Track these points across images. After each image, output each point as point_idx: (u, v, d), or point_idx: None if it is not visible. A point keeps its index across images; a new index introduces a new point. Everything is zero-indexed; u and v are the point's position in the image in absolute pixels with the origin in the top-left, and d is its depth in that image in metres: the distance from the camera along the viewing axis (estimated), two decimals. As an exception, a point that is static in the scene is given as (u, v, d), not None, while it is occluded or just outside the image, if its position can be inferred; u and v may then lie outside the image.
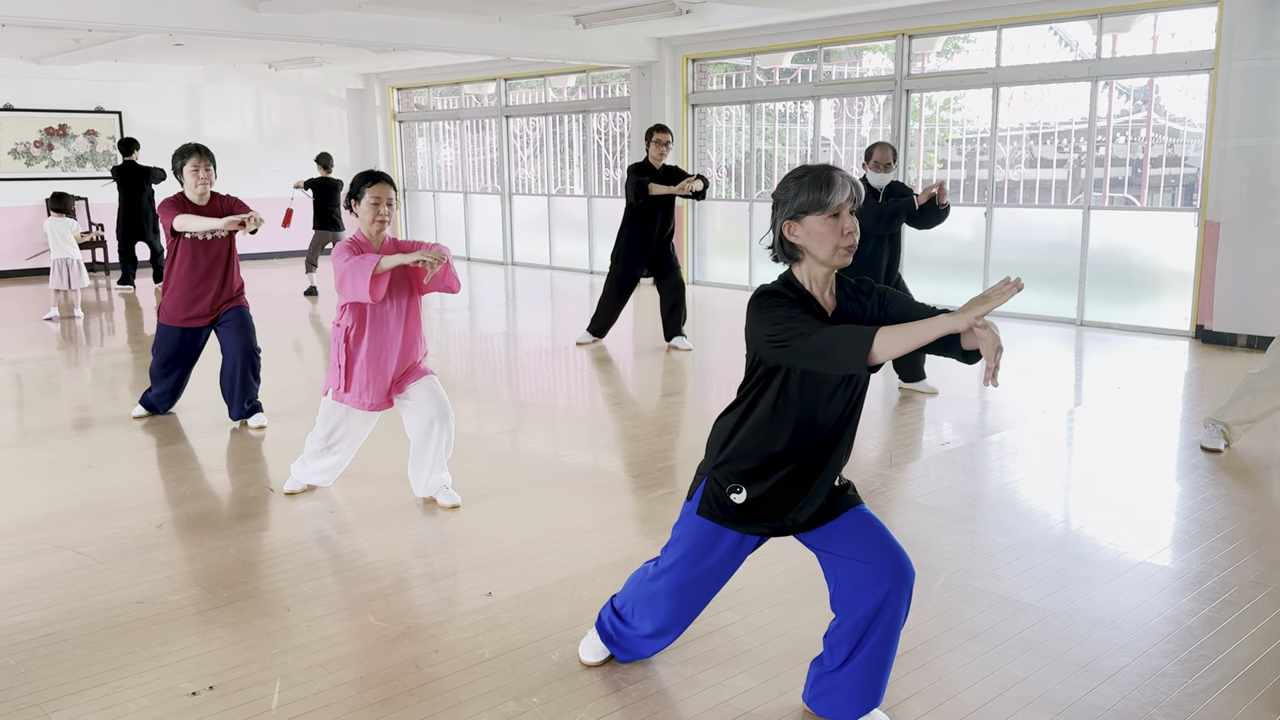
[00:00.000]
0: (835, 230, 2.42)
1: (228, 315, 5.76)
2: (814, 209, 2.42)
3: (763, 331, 2.42)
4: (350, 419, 4.42)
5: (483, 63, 13.87)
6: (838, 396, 2.51)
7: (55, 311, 10.20)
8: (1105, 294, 9.17)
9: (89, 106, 13.93)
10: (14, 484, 4.92)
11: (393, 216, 4.20)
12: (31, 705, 2.87)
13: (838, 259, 2.45)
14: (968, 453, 5.34)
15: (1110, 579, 3.68)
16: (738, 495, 2.59)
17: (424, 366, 4.41)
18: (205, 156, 5.59)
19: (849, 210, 2.44)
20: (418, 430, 4.38)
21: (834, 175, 2.42)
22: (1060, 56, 9.45)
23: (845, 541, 2.64)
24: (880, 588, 2.59)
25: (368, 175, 4.19)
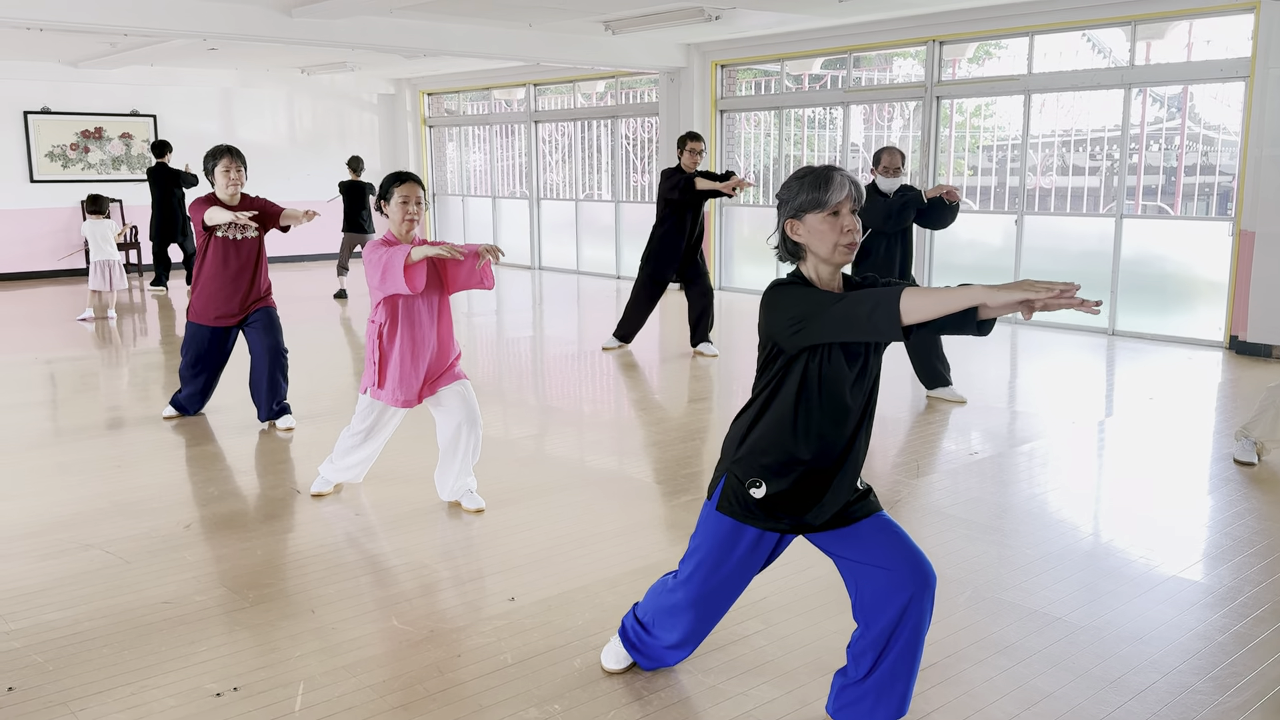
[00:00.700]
0: (835, 228, 2.46)
1: (256, 315, 5.82)
2: (814, 207, 2.47)
3: (783, 318, 2.45)
4: (385, 415, 4.47)
5: (512, 68, 13.93)
6: (856, 386, 2.52)
7: (90, 312, 10.34)
8: (1138, 303, 9.07)
9: (124, 110, 14.11)
10: (46, 483, 4.98)
11: (421, 216, 4.24)
12: (59, 704, 2.90)
13: (838, 256, 2.49)
14: (996, 463, 5.29)
15: (1140, 593, 3.62)
16: (757, 490, 2.58)
17: (458, 370, 4.43)
18: (237, 158, 5.66)
19: (849, 209, 2.47)
20: (446, 434, 4.40)
21: (833, 174, 2.47)
22: (1093, 63, 9.36)
23: (865, 547, 2.62)
24: (902, 594, 2.57)
25: (397, 176, 4.23)
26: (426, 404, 4.43)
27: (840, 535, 2.65)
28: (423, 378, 4.32)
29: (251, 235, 5.74)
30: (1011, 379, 7.60)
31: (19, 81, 13.19)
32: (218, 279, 5.72)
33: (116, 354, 8.67)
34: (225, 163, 5.63)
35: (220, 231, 5.65)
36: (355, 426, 4.50)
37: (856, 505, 2.65)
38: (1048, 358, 8.21)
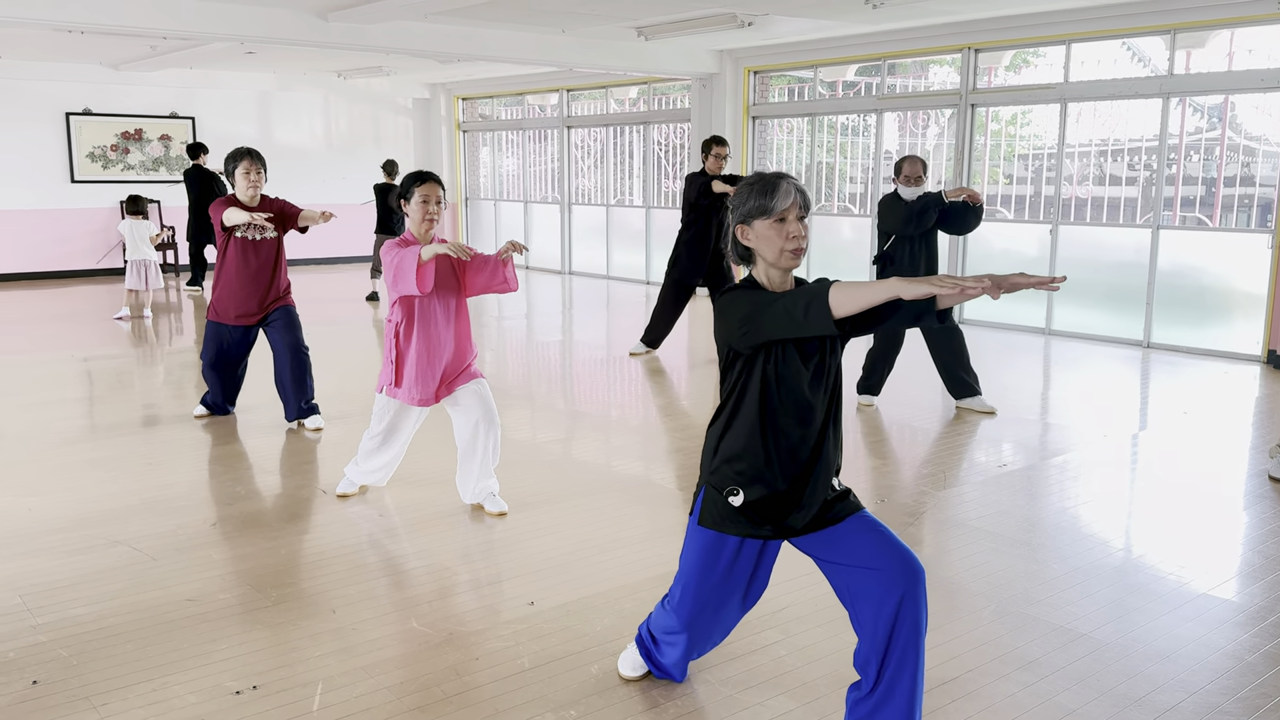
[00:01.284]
0: (781, 234, 2.51)
1: (275, 315, 5.89)
2: (760, 214, 2.52)
3: (732, 320, 2.51)
4: (402, 415, 4.49)
5: (546, 74, 13.98)
6: (815, 383, 2.56)
7: (126, 311, 10.49)
8: (1174, 316, 8.93)
9: (164, 112, 14.31)
10: (78, 479, 5.05)
11: (441, 216, 4.27)
12: (81, 698, 2.93)
13: (785, 261, 2.53)
14: (1025, 475, 5.23)
15: (1169, 610, 3.56)
16: (735, 497, 2.60)
17: (474, 370, 4.45)
18: (256, 160, 5.74)
19: (795, 216, 2.51)
20: (464, 434, 4.42)
21: (780, 182, 2.52)
22: (1132, 72, 9.24)
23: (849, 549, 2.62)
24: (893, 594, 2.54)
25: (417, 175, 4.27)
26: (444, 404, 4.46)
27: (823, 538, 2.65)
28: (439, 377, 4.34)
29: (270, 236, 5.81)
30: (1043, 391, 7.51)
31: (62, 83, 13.42)
32: (237, 278, 5.80)
33: (151, 353, 8.77)
34: (245, 165, 5.71)
35: (239, 232, 5.73)
36: (374, 428, 4.53)
37: (837, 506, 2.66)
38: (1081, 370, 8.10)
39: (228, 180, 5.85)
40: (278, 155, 15.04)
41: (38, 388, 7.17)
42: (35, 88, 13.33)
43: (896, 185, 6.28)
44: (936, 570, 3.94)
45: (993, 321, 10.06)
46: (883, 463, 5.49)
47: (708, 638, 2.85)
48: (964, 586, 3.78)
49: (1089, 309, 9.48)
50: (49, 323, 10.34)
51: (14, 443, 5.72)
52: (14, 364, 8.07)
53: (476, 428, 4.39)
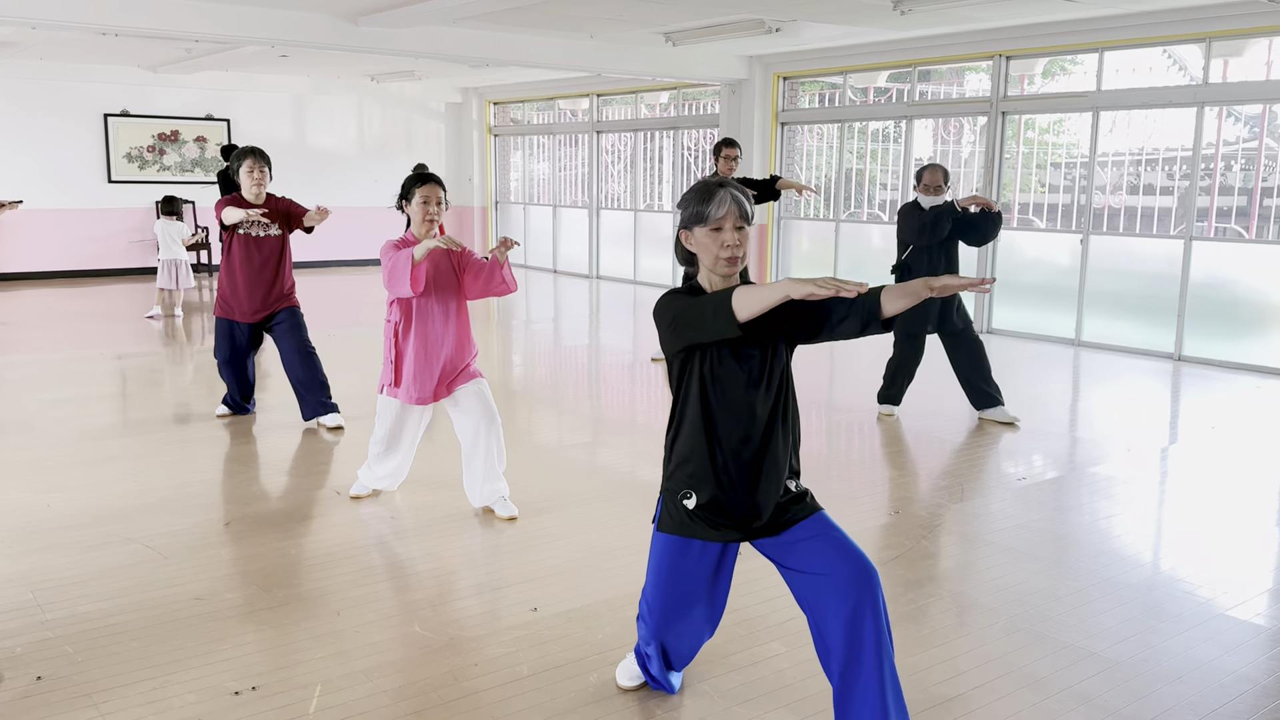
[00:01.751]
0: (716, 242, 2.57)
1: (280, 316, 5.98)
2: (698, 221, 2.58)
3: (663, 323, 2.58)
4: (405, 416, 4.52)
5: (577, 79, 14.01)
6: (755, 388, 2.58)
7: (158, 310, 10.63)
8: (1206, 329, 8.78)
9: (200, 114, 14.49)
10: (98, 476, 5.10)
11: (441, 216, 4.30)
12: (82, 695, 2.95)
13: (720, 268, 2.60)
14: (1045, 489, 5.15)
15: (1185, 630, 3.49)
16: (689, 500, 2.65)
17: (474, 369, 4.48)
18: (260, 158, 5.84)
19: (731, 225, 2.56)
20: (466, 435, 4.45)
21: (718, 191, 2.56)
22: (1167, 81, 9.10)
23: (803, 554, 2.62)
24: (846, 602, 2.53)
25: (418, 177, 4.31)
26: (445, 406, 4.50)
27: (780, 543, 2.66)
28: (438, 376, 4.37)
29: (274, 234, 5.88)
30: (1070, 403, 7.40)
31: (100, 85, 13.63)
32: (241, 275, 5.89)
33: (181, 352, 8.87)
34: (249, 163, 5.80)
35: (241, 229, 5.81)
36: (378, 431, 4.56)
37: (793, 509, 2.66)
38: (1109, 382, 7.98)
39: (233, 178, 5.93)
40: (311, 158, 15.23)
41: (68, 384, 7.27)
42: (75, 89, 13.55)
43: (917, 193, 6.22)
44: (947, 584, 3.88)
45: (1022, 332, 9.94)
46: (900, 473, 5.43)
47: (680, 645, 2.85)
48: (974, 601, 3.72)
49: (1120, 320, 9.34)
50: (83, 320, 10.49)
51: (40, 438, 5.80)
52: (47, 361, 8.19)
53: (478, 428, 4.41)
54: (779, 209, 12.27)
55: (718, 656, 3.23)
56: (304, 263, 14.60)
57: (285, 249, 5.98)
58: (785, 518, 2.66)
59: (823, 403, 7.26)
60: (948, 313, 6.29)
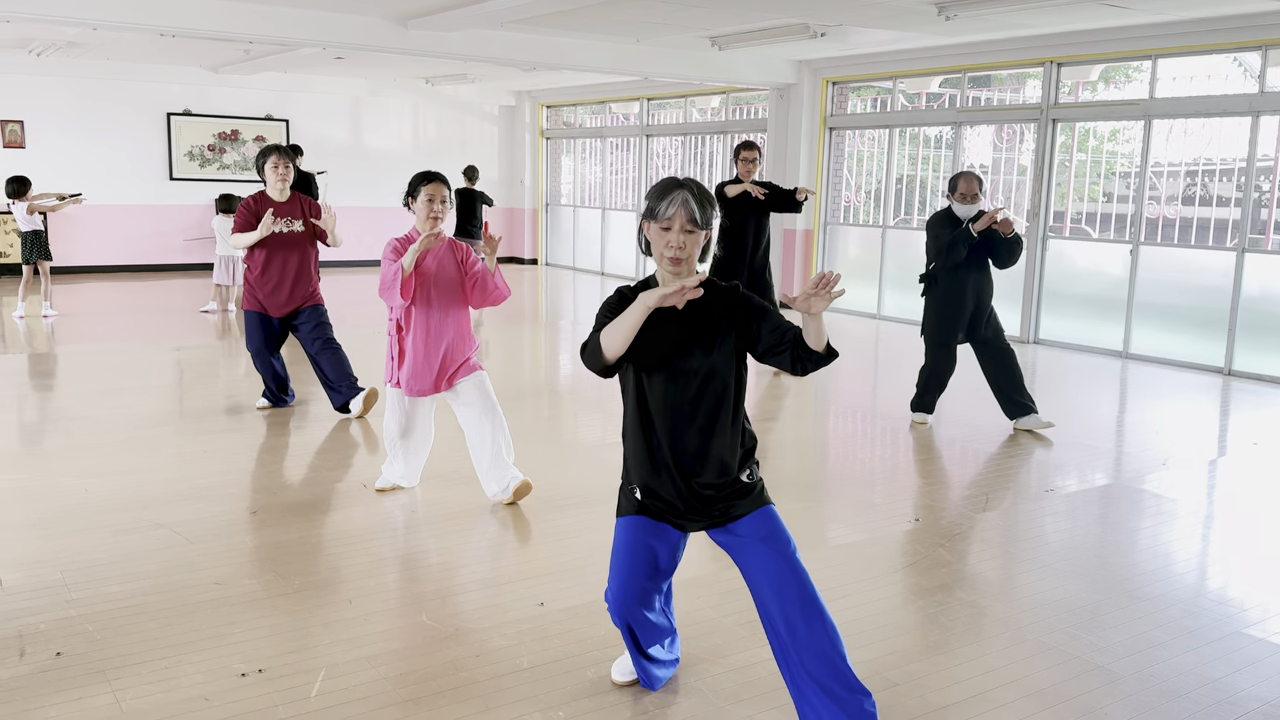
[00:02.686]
0: (662, 240, 2.59)
1: (305, 315, 6.18)
2: (650, 216, 2.61)
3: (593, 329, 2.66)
4: (415, 408, 4.65)
5: (627, 83, 14.08)
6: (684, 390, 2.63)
7: (214, 305, 10.90)
8: (1259, 343, 8.56)
9: (259, 114, 14.83)
10: (137, 463, 5.27)
11: (446, 214, 4.45)
12: (97, 672, 3.06)
13: (664, 265, 2.62)
14: (1072, 500, 5.08)
15: (1196, 647, 3.42)
16: (636, 492, 2.76)
17: (474, 363, 4.61)
18: (284, 155, 6.06)
19: (679, 226, 2.56)
20: (469, 427, 4.58)
21: (673, 190, 2.57)
22: (1225, 89, 8.89)
23: (740, 551, 2.71)
24: (774, 603, 2.62)
25: (424, 175, 4.45)
26: (447, 399, 4.63)
27: (726, 538, 2.74)
28: (437, 369, 4.49)
29: (298, 229, 6.06)
30: (1111, 416, 7.27)
31: (164, 85, 14.01)
32: (268, 269, 6.08)
33: (233, 346, 9.09)
34: (274, 159, 6.02)
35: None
36: (389, 426, 4.69)
37: (740, 502, 2.72)
38: (1154, 396, 7.83)
39: (259, 175, 6.11)
40: (367, 159, 15.51)
41: (122, 375, 7.50)
42: (140, 89, 13.95)
43: (951, 202, 6.16)
44: (959, 593, 3.85)
45: (1069, 343, 9.79)
46: (926, 481, 5.39)
47: (642, 625, 2.88)
48: (985, 611, 3.69)
49: (1169, 333, 9.15)
50: (141, 313, 10.80)
51: (86, 425, 6.00)
52: (105, 351, 8.45)
53: (480, 420, 4.53)
54: (825, 214, 12.21)
55: (716, 656, 3.25)
56: (354, 261, 14.86)
57: (312, 246, 6.15)
58: (732, 511, 2.72)
59: (860, 410, 7.22)
60: (977, 323, 6.24)
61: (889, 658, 3.28)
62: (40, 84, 13.40)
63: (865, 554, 4.25)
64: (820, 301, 2.47)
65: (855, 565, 4.11)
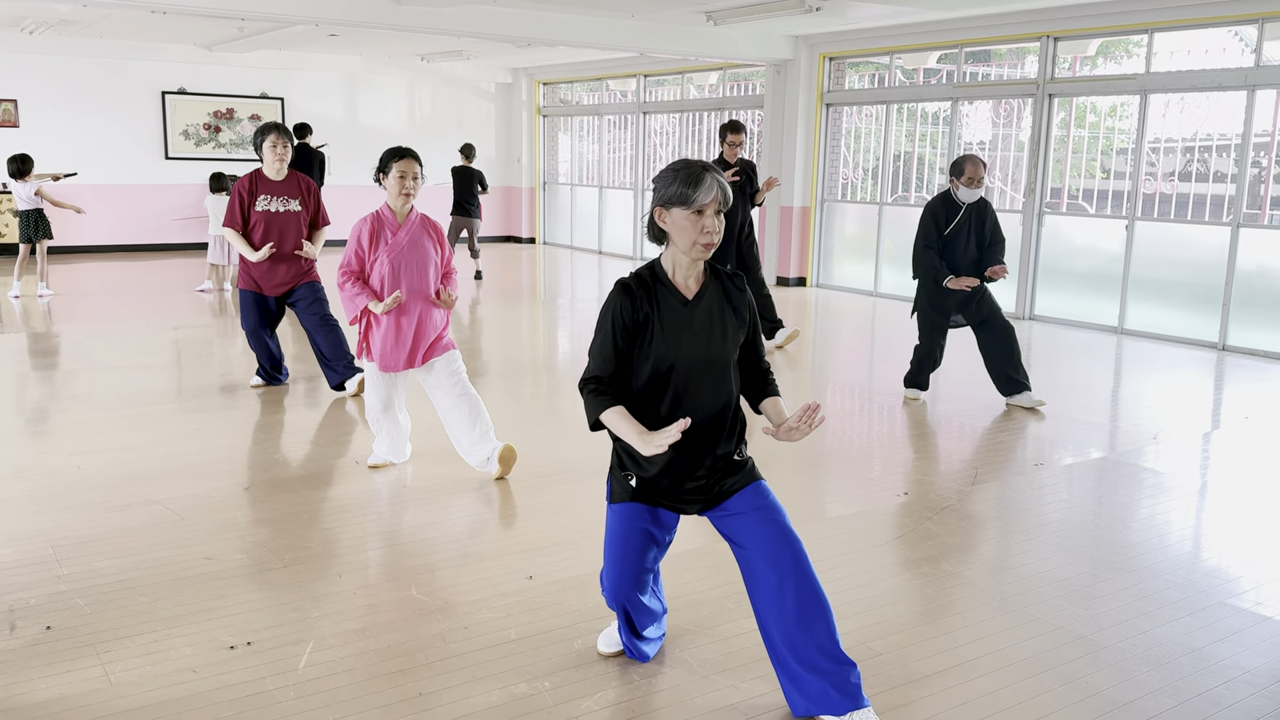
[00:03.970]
0: (696, 227, 2.55)
1: (300, 292, 6.16)
2: (680, 202, 2.55)
3: (593, 338, 2.68)
4: (392, 383, 4.68)
5: (625, 59, 14.02)
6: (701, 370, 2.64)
7: (209, 284, 10.90)
8: (1254, 318, 8.56)
9: (254, 92, 14.77)
10: (131, 440, 5.28)
11: (417, 190, 4.47)
12: (87, 645, 3.09)
13: (694, 253, 2.59)
14: (1061, 474, 5.09)
15: (1179, 617, 3.45)
16: (630, 479, 2.75)
17: (447, 341, 4.64)
18: (283, 134, 5.99)
19: (713, 211, 2.54)
20: (445, 407, 4.61)
21: (704, 175, 2.54)
22: (1222, 63, 8.85)
23: (735, 526, 2.72)
24: (770, 575, 2.63)
25: (395, 151, 4.45)
26: (418, 379, 4.66)
27: (719, 513, 2.76)
28: (411, 343, 4.52)
29: (294, 209, 6.05)
30: (1105, 390, 7.28)
31: (158, 63, 13.96)
32: (264, 247, 6.01)
33: (228, 325, 9.09)
34: (272, 138, 5.96)
35: (260, 206, 6.00)
36: (370, 400, 4.71)
37: (731, 479, 2.74)
38: (1148, 371, 7.84)
39: (257, 154, 6.08)
40: (363, 136, 15.45)
41: (114, 354, 7.51)
42: (134, 67, 13.89)
43: (956, 186, 6.08)
44: (945, 565, 3.88)
45: (1065, 319, 9.78)
46: (918, 457, 5.41)
47: (640, 612, 2.91)
48: (970, 582, 3.71)
49: (1164, 308, 9.15)
50: (137, 293, 10.80)
51: (80, 403, 6.02)
52: (97, 331, 8.46)
53: (456, 401, 4.56)
54: (822, 191, 12.17)
55: (701, 628, 3.27)
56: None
57: (305, 222, 6.13)
58: (724, 488, 2.73)
59: (855, 386, 7.23)
60: (967, 304, 6.22)
61: (874, 628, 3.30)
62: (33, 62, 13.34)
63: (854, 527, 4.28)
64: (801, 435, 2.57)
65: (844, 538, 4.13)
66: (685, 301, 2.64)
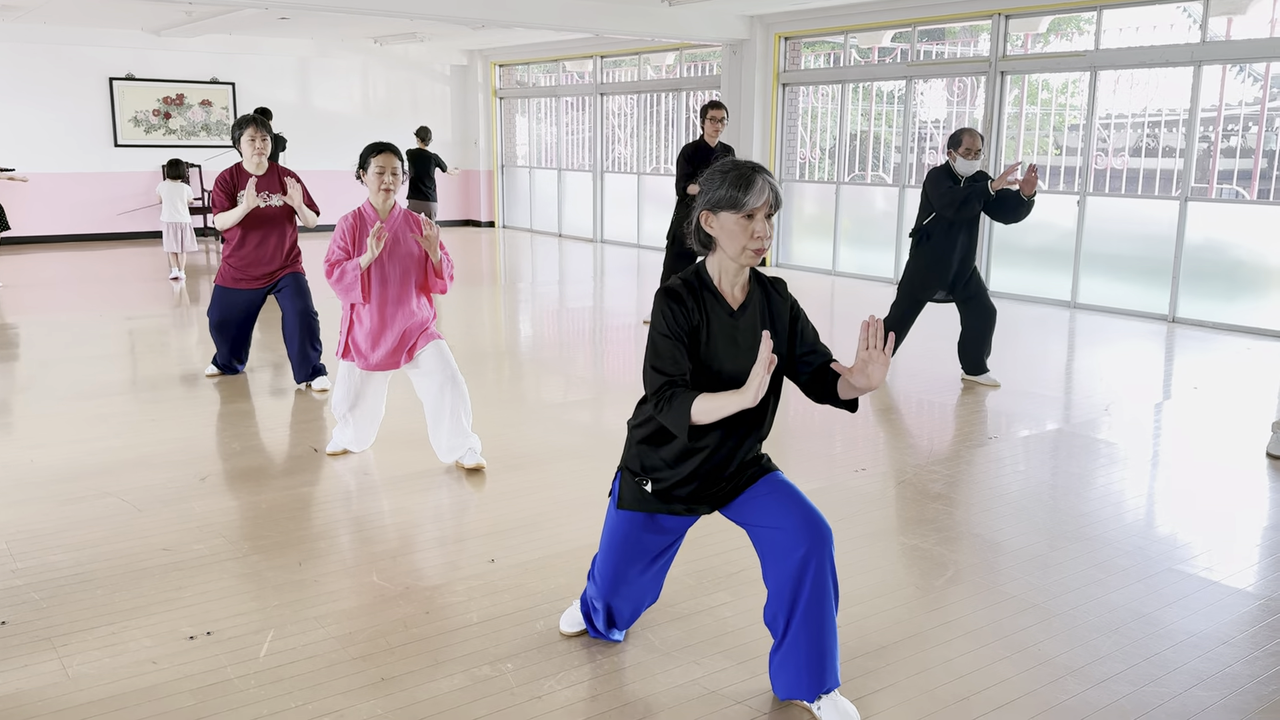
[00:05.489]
0: (746, 231, 2.45)
1: (285, 281, 6.01)
2: (730, 206, 2.44)
3: (649, 347, 2.51)
4: (366, 380, 4.62)
5: (582, 40, 13.95)
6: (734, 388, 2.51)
7: (177, 271, 10.73)
8: (1202, 290, 8.73)
9: (205, 77, 14.54)
10: (84, 432, 5.21)
11: (398, 186, 4.37)
12: (43, 639, 3.06)
13: (745, 259, 2.49)
14: (1016, 446, 5.18)
15: (1129, 584, 3.53)
16: (646, 485, 2.68)
17: (433, 331, 4.55)
18: (261, 127, 5.83)
19: (764, 215, 2.45)
20: (429, 396, 4.52)
21: (756, 177, 2.44)
22: (1170, 39, 8.97)
23: (759, 509, 2.67)
24: (797, 550, 2.57)
25: (375, 146, 4.37)
26: (407, 370, 4.54)
27: (737, 503, 2.71)
28: (396, 342, 4.45)
29: (277, 203, 5.92)
30: (1058, 364, 7.40)
31: (105, 49, 13.69)
32: (246, 244, 5.92)
33: (185, 314, 8.97)
34: (250, 132, 5.80)
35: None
36: (337, 393, 4.65)
37: (749, 472, 2.71)
38: (1100, 344, 7.97)
39: (235, 148, 5.96)
40: (316, 121, 15.26)
41: (68, 346, 7.39)
42: (79, 53, 13.61)
43: (954, 158, 6.08)
44: (901, 538, 3.94)
45: (1019, 294, 9.91)
46: (877, 432, 5.47)
47: (624, 609, 2.92)
48: (925, 554, 3.78)
49: (1116, 282, 9.30)
50: (90, 283, 10.62)
51: (33, 396, 5.92)
52: (50, 323, 8.32)
53: (441, 389, 4.48)
54: (780, 171, 12.22)
55: (663, 605, 3.30)
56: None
57: (289, 218, 6.03)
58: (741, 482, 2.70)
59: (809, 363, 7.28)
60: (955, 282, 6.24)
61: (832, 602, 3.35)
62: (-25, 49, 13.04)
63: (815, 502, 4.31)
64: (880, 368, 2.37)
65: (802, 515, 4.17)
66: (731, 312, 2.54)
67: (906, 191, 10.87)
